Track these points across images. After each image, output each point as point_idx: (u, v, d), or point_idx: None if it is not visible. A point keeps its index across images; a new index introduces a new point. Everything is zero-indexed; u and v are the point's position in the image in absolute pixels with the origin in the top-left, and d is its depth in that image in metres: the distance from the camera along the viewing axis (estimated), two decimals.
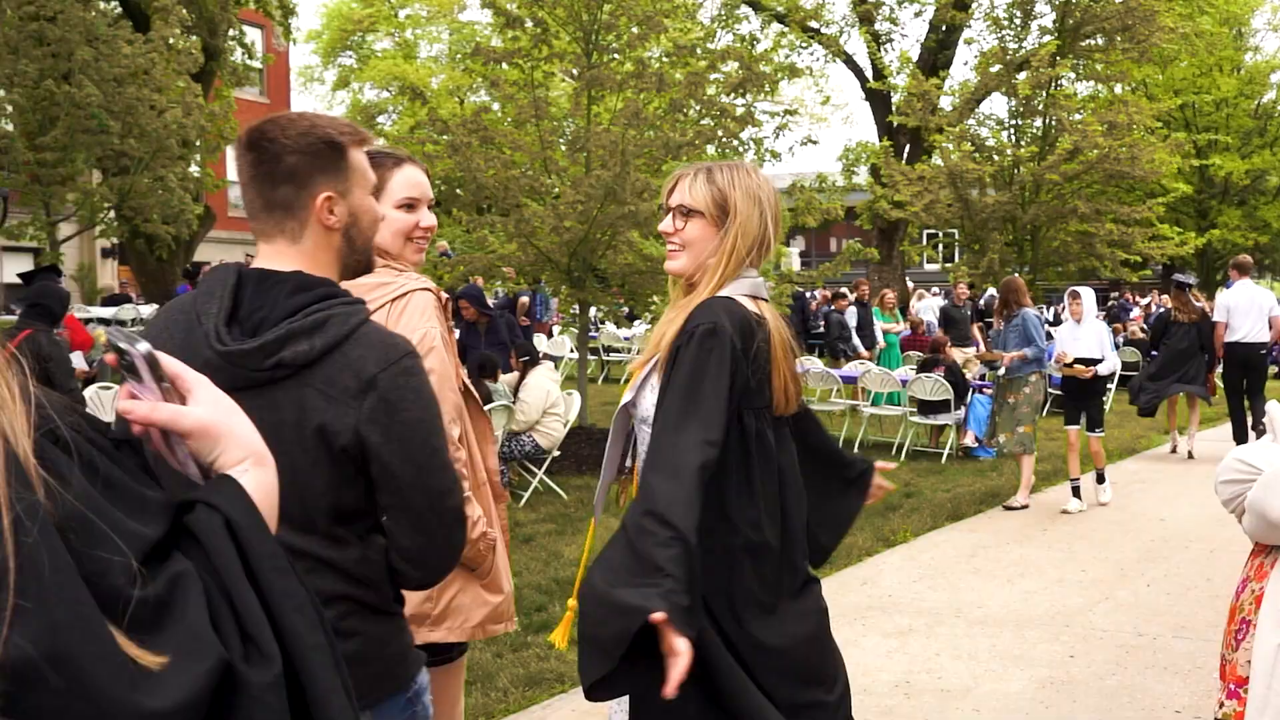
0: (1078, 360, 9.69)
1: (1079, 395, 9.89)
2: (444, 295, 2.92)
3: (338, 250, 2.09)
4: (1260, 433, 12.32)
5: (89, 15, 15.73)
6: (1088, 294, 10.08)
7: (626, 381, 2.78)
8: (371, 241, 2.16)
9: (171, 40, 17.15)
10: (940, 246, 22.53)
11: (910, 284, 25.37)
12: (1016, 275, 11.90)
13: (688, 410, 2.40)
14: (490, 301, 14.06)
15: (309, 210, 2.05)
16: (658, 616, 2.12)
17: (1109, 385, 14.84)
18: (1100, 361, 9.72)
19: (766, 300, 2.67)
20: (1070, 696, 5.37)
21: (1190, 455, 12.76)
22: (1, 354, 1.04)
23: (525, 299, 20.33)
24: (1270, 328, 12.81)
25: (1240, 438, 12.79)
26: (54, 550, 0.97)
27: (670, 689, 2.12)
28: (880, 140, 22.55)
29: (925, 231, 25.20)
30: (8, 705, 0.94)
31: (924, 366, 13.31)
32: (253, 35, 25.88)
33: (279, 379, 1.97)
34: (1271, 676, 2.43)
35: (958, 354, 14.85)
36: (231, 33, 21.35)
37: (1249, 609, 2.56)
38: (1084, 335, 9.81)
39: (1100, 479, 10.01)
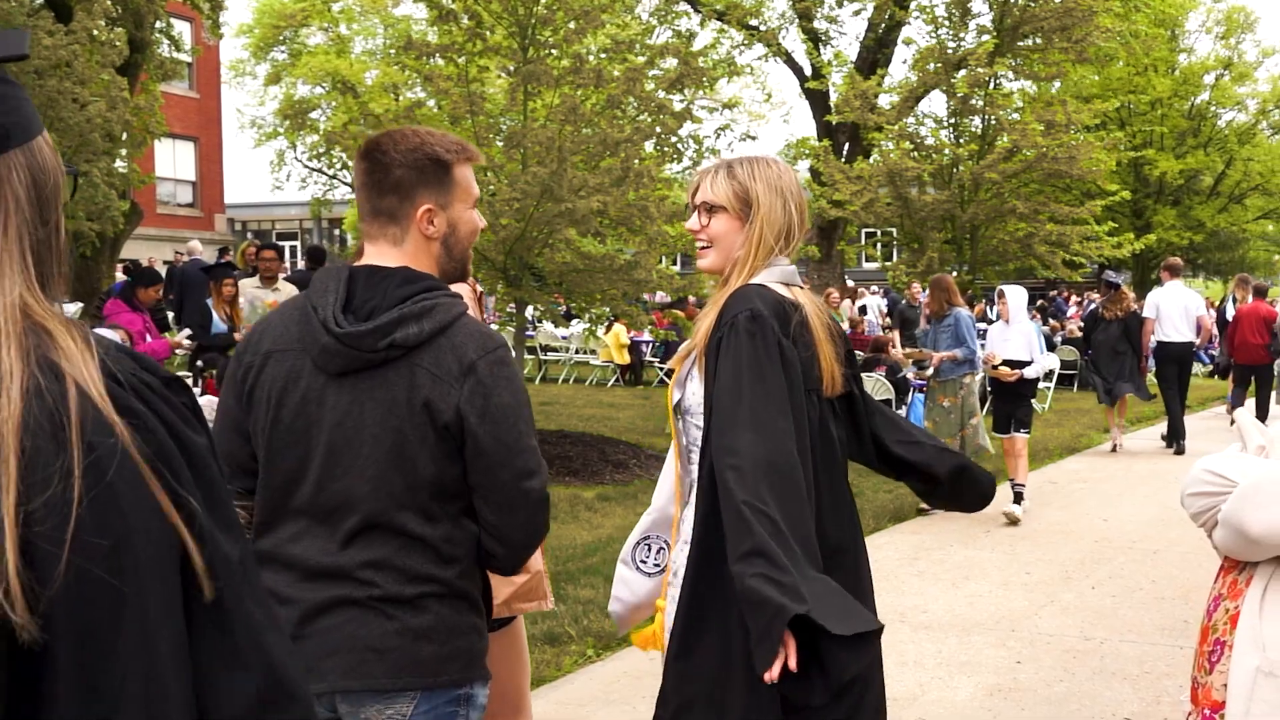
0: (1005, 362, 9.55)
1: (1008, 398, 9.76)
2: (478, 289, 3.05)
3: (436, 256, 2.30)
4: (1180, 450, 12.46)
5: (7, 4, 15.20)
6: (1015, 293, 9.82)
7: (665, 384, 2.78)
8: (468, 251, 2.36)
9: (95, 32, 16.61)
10: (879, 245, 22.45)
11: (850, 283, 25.37)
12: (946, 274, 11.66)
13: (763, 397, 2.46)
14: None
15: (410, 219, 2.26)
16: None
17: (1040, 386, 14.87)
18: (1029, 364, 9.56)
19: (801, 286, 2.71)
20: (1018, 705, 5.25)
21: (1118, 447, 12.91)
22: (56, 309, 1.15)
23: None
24: (1198, 328, 13.18)
25: (1176, 435, 12.91)
26: (136, 487, 1.06)
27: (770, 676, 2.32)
28: (819, 139, 22.46)
29: (864, 230, 25.16)
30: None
31: (865, 366, 13.23)
32: (181, 28, 25.25)
33: (391, 359, 2.15)
34: (1250, 700, 2.28)
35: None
36: (159, 25, 20.78)
37: (1223, 629, 2.40)
38: (1013, 336, 9.60)
39: (1018, 498, 9.29)
